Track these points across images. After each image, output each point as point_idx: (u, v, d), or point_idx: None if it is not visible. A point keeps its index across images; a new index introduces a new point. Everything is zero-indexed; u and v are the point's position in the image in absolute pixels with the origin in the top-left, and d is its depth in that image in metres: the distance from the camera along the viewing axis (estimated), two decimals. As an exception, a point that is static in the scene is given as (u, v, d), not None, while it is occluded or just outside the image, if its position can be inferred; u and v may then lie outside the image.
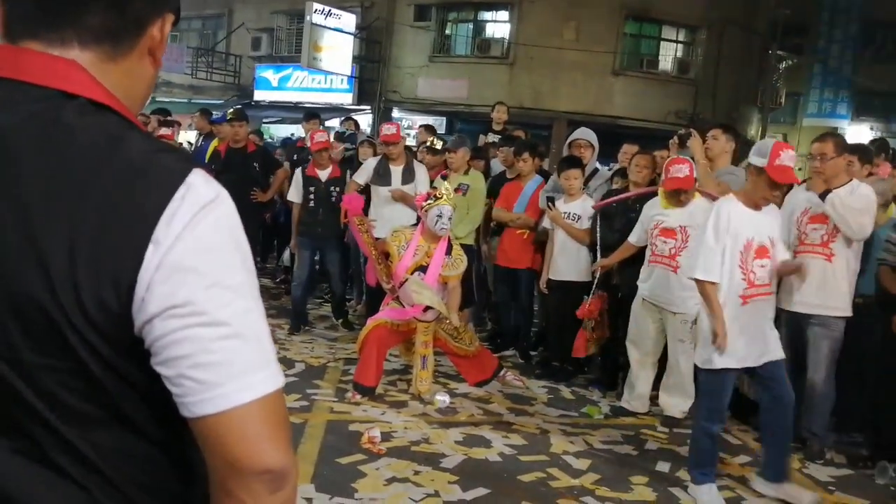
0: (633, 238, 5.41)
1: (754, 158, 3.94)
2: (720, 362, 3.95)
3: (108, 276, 0.88)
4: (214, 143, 8.04)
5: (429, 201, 5.31)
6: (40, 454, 0.94)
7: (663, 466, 4.50)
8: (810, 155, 4.71)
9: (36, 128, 0.91)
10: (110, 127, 0.94)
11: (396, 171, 6.62)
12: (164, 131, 8.07)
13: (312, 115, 9.03)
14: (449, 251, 5.41)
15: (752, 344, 4.00)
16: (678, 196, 5.01)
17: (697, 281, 4.01)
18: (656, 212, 5.17)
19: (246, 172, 7.33)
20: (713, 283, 3.95)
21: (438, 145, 7.18)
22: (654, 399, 5.39)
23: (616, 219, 5.71)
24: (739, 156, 6.09)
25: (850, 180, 4.62)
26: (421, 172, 6.72)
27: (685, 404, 5.20)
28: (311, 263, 7.06)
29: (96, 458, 0.95)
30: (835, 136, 4.89)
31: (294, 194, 6.88)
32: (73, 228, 0.88)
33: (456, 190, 6.09)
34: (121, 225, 0.88)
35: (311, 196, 6.79)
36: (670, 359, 5.21)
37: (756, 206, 4.00)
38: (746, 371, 4.15)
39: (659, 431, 5.09)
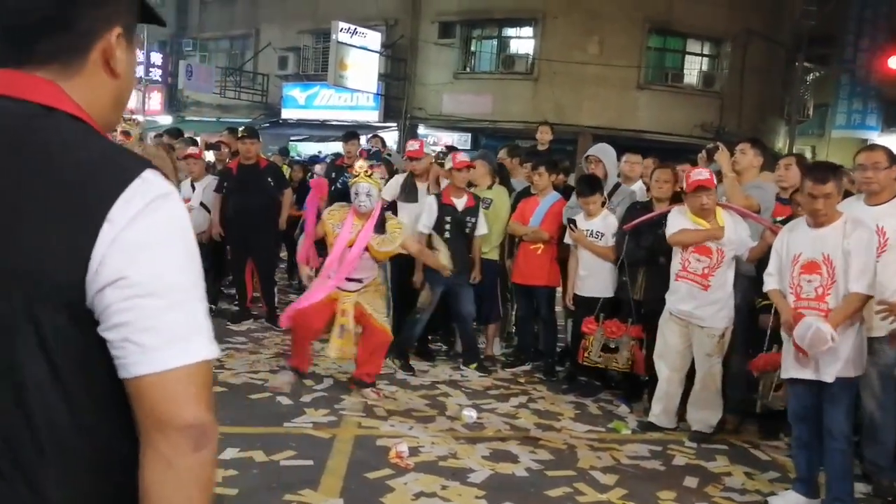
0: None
1: None
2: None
3: (68, 250, 1.01)
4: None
5: (352, 180, 5.61)
6: None
7: (691, 482, 4.48)
8: (860, 166, 4.46)
9: (12, 133, 1.06)
10: (76, 132, 1.09)
11: (423, 187, 6.68)
12: (191, 150, 8.23)
13: (352, 134, 9.07)
14: (382, 229, 5.57)
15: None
16: (700, 199, 4.97)
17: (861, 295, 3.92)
18: (685, 223, 5.11)
19: (260, 188, 7.40)
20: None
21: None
22: (681, 415, 5.38)
23: (643, 236, 5.68)
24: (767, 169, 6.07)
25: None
26: (444, 184, 6.78)
27: (713, 419, 5.18)
28: (440, 301, 6.49)
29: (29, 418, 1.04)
30: (882, 146, 4.71)
31: (427, 224, 6.38)
32: (42, 211, 1.01)
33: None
34: (82, 206, 1.02)
35: (447, 227, 6.35)
36: (698, 374, 5.20)
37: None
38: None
39: (686, 447, 5.08)
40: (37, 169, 1.04)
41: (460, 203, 6.37)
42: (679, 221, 5.15)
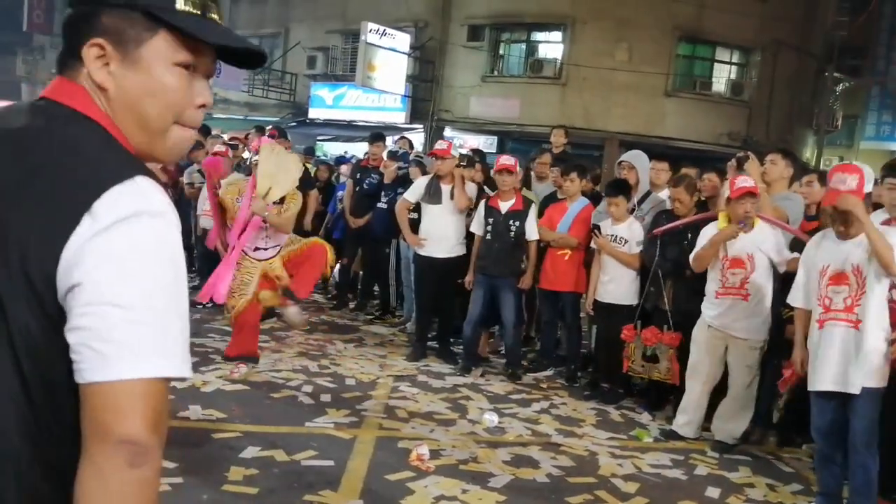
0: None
1: None
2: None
3: (46, 239, 1.01)
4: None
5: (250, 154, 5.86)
6: None
7: (713, 492, 4.45)
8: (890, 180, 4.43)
9: (32, 131, 1.11)
10: (86, 131, 1.12)
11: (447, 189, 6.69)
12: (218, 148, 8.28)
13: (378, 136, 9.08)
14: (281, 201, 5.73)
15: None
16: (745, 206, 4.89)
17: None
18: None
19: None
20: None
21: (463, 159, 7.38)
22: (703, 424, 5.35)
23: (668, 247, 5.64)
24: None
25: None
26: (470, 190, 6.80)
27: (739, 430, 5.14)
28: (485, 302, 6.55)
29: None
30: None
31: (476, 226, 6.56)
32: (31, 204, 1.03)
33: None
34: (67, 196, 1.03)
35: (489, 228, 6.46)
36: (734, 386, 5.14)
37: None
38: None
39: (709, 457, 5.04)
40: (35, 163, 1.06)
41: (505, 206, 6.42)
42: (708, 237, 5.12)
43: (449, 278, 6.76)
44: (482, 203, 6.57)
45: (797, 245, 5.05)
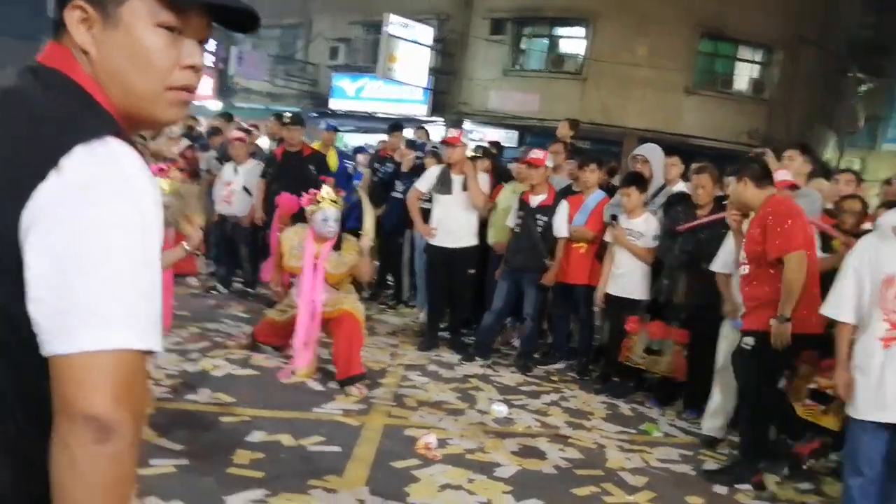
0: (718, 265, 5.12)
1: None
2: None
3: (10, 193, 0.99)
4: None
5: (312, 206, 5.46)
6: None
7: (721, 489, 4.42)
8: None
9: (6, 92, 1.11)
10: (64, 91, 1.10)
11: (458, 179, 6.68)
12: (235, 133, 8.32)
13: (397, 126, 9.10)
14: (338, 246, 5.51)
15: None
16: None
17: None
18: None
19: (302, 175, 7.43)
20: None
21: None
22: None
23: (686, 239, 5.57)
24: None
25: None
26: (482, 180, 6.80)
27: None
28: (509, 294, 6.57)
29: None
30: None
31: (510, 219, 6.64)
32: (5, 160, 1.02)
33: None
34: (35, 153, 1.01)
35: (519, 222, 6.49)
36: None
37: None
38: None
39: (718, 452, 5.01)
40: (8, 121, 1.06)
41: (535, 200, 6.42)
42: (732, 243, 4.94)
43: (460, 268, 6.75)
44: (517, 196, 6.61)
45: (826, 245, 4.99)
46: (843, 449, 4.01)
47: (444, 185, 6.70)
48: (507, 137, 18.44)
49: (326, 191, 5.51)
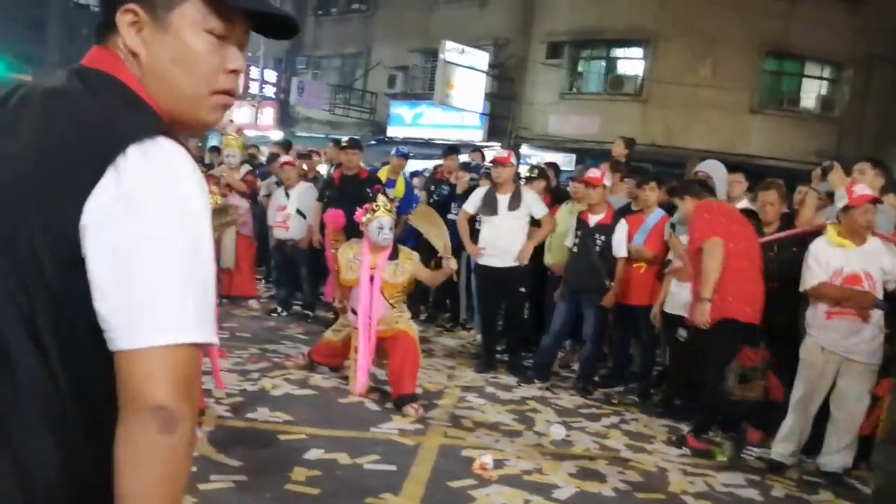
0: (808, 285, 4.86)
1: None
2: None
3: (67, 196, 1.02)
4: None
5: (368, 216, 5.46)
6: None
7: (787, 514, 4.26)
8: None
9: (55, 92, 1.14)
10: (114, 92, 1.13)
11: (503, 199, 6.64)
12: (285, 157, 8.49)
13: (453, 149, 9.17)
14: (394, 256, 5.52)
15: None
16: (869, 214, 4.63)
17: None
18: (831, 254, 4.74)
19: (360, 198, 7.48)
20: None
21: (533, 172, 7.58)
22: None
23: None
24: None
25: None
26: (528, 195, 6.75)
27: (850, 459, 4.81)
28: (569, 316, 6.45)
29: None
30: None
31: (568, 239, 6.56)
32: (57, 158, 1.05)
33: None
34: (91, 151, 1.04)
35: (577, 241, 6.41)
36: (846, 411, 4.77)
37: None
38: None
39: (786, 477, 4.82)
40: (61, 120, 1.08)
41: (594, 219, 6.36)
42: (820, 255, 4.77)
43: (510, 288, 6.69)
44: (574, 217, 6.57)
45: None
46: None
47: (489, 205, 6.68)
48: (566, 161, 18.35)
49: (382, 199, 5.55)
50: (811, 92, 18.45)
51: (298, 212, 7.98)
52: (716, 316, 4.90)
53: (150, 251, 1.02)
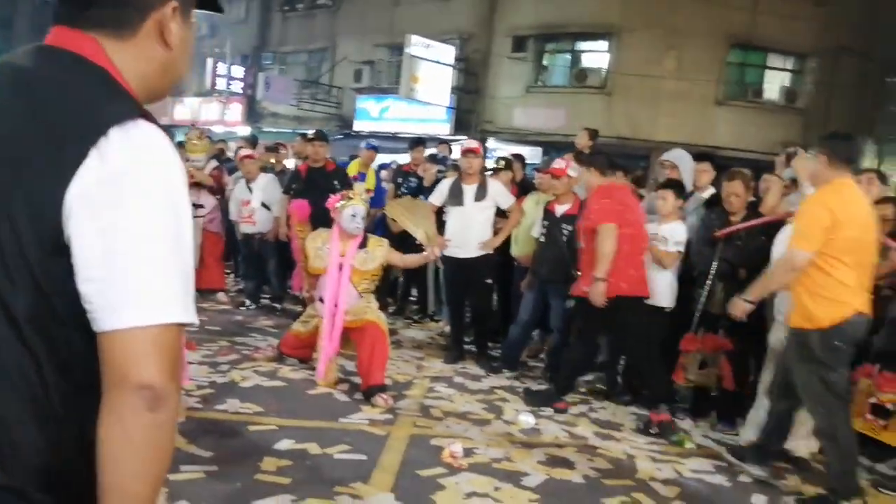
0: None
1: None
2: None
3: (53, 177, 1.03)
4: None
5: (342, 202, 5.48)
6: None
7: (759, 500, 4.30)
8: None
9: (33, 71, 1.14)
10: (96, 75, 1.14)
11: (469, 189, 6.64)
12: (244, 151, 8.41)
13: (418, 141, 9.16)
14: (364, 245, 5.56)
15: None
16: None
17: None
18: None
19: (327, 190, 7.45)
20: None
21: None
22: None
23: (726, 247, 5.41)
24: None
25: None
26: (494, 186, 6.75)
27: (815, 444, 4.84)
28: (536, 306, 6.48)
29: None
30: None
31: (535, 229, 6.58)
32: (38, 137, 1.06)
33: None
34: (74, 132, 1.05)
35: (544, 232, 6.38)
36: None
37: None
38: None
39: (754, 463, 4.86)
40: (39, 101, 1.09)
41: (560, 209, 6.34)
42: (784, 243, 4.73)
43: (477, 278, 6.70)
44: (540, 207, 6.59)
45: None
46: None
47: (455, 196, 6.69)
48: (532, 154, 18.40)
49: (358, 187, 5.55)
50: (775, 83, 18.67)
51: (263, 205, 7.93)
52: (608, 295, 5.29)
53: (135, 232, 1.03)
